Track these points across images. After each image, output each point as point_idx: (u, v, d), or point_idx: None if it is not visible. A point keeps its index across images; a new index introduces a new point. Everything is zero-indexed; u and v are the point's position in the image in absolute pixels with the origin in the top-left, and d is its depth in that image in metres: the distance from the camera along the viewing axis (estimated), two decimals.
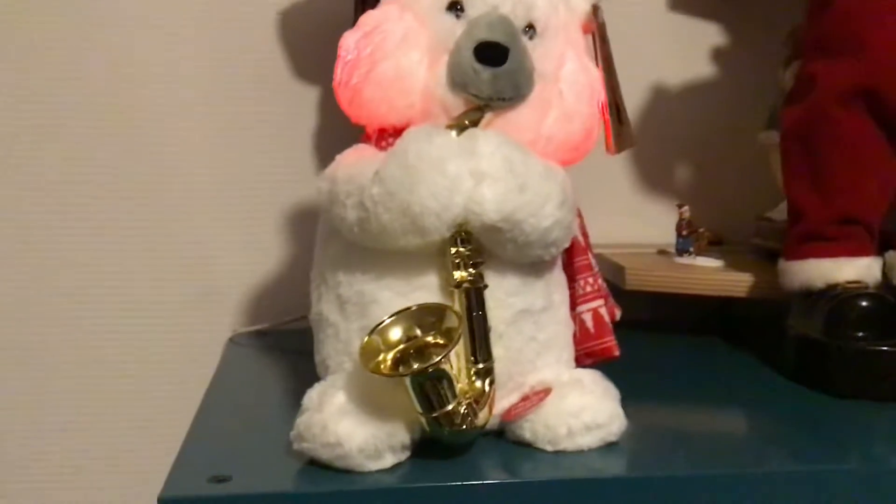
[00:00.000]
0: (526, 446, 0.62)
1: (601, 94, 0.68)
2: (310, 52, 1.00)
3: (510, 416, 0.62)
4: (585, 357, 0.71)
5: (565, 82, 0.64)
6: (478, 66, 0.60)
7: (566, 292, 0.69)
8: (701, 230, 0.95)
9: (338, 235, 0.63)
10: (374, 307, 0.61)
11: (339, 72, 0.64)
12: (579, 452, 0.61)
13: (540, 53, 0.63)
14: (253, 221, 1.00)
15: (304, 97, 1.00)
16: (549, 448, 0.61)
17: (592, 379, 0.64)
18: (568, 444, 0.60)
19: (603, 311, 0.72)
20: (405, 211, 0.57)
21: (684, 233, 0.94)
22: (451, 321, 0.57)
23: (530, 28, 0.64)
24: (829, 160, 0.77)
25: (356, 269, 0.62)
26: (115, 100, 0.98)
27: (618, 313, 0.77)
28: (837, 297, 0.75)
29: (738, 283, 0.88)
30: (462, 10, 0.62)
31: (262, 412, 0.72)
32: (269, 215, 1.00)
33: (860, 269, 0.77)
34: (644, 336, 0.96)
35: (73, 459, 1.00)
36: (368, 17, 0.64)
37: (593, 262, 0.74)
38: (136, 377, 1.00)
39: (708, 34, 1.06)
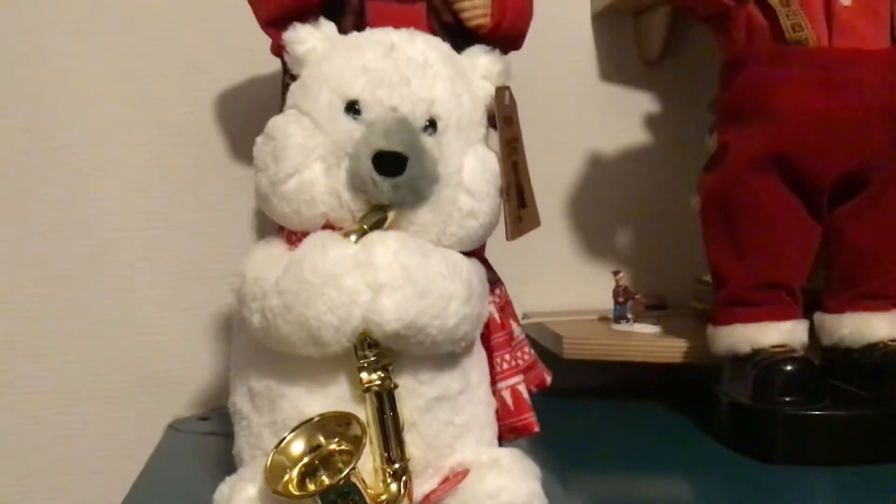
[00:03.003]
0: None
1: (501, 183, 0.66)
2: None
3: (429, 500, 0.61)
4: (508, 432, 0.71)
5: (466, 179, 0.63)
6: (376, 176, 0.59)
7: (486, 369, 0.68)
8: (638, 296, 0.95)
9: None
10: (282, 401, 0.60)
11: (257, 182, 0.63)
12: None
13: (441, 151, 0.62)
14: (193, 306, 1.00)
15: (245, 182, 1.01)
16: None
17: (511, 458, 0.63)
18: None
19: (521, 387, 0.71)
20: (303, 325, 0.57)
21: (621, 299, 0.95)
22: (356, 429, 0.57)
23: (431, 125, 0.62)
24: (746, 226, 0.78)
25: (265, 362, 0.61)
26: (54, 188, 0.98)
27: (548, 378, 0.76)
28: (763, 363, 0.76)
29: (674, 349, 0.88)
30: (359, 112, 0.61)
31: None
32: (209, 299, 1.00)
33: (785, 333, 0.78)
34: (588, 403, 0.97)
35: None
36: (274, 125, 0.63)
37: (517, 331, 0.74)
38: (74, 466, 0.99)
39: (639, 101, 1.08)
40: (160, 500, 0.73)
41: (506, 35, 0.77)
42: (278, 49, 0.75)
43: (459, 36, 0.75)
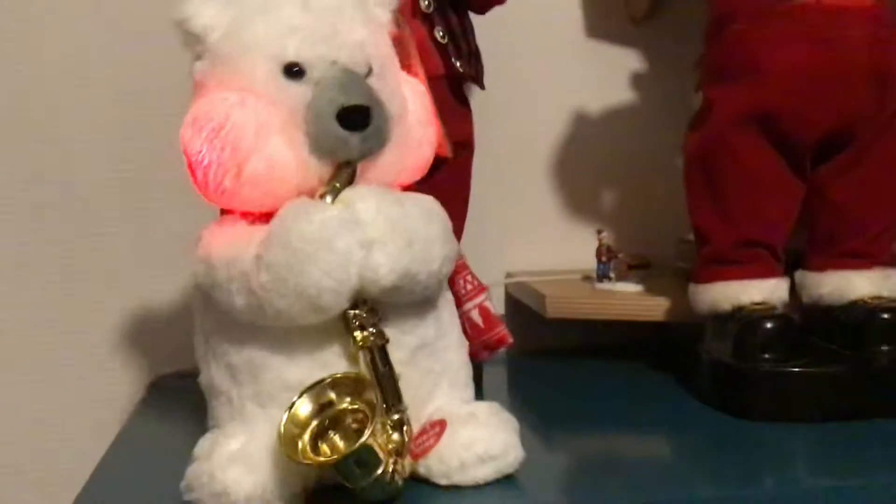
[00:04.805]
0: (422, 482, 0.61)
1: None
2: None
3: (415, 455, 0.61)
4: (483, 349, 0.71)
5: (410, 109, 0.63)
6: (345, 133, 0.58)
7: (454, 308, 0.68)
8: (620, 255, 0.95)
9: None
10: (265, 372, 0.59)
11: (200, 177, 0.59)
12: (475, 486, 0.60)
13: (386, 94, 0.61)
14: (174, 262, 0.99)
15: None
16: (443, 482, 0.60)
17: (488, 411, 0.63)
18: (462, 478, 0.60)
19: (488, 303, 0.72)
20: (301, 294, 0.55)
21: (604, 258, 0.94)
22: (370, 394, 0.57)
23: (370, 71, 0.61)
24: (728, 184, 0.78)
25: (241, 336, 0.60)
26: (42, 173, 0.98)
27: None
28: (744, 320, 0.76)
29: (656, 307, 0.88)
30: (301, 72, 0.59)
31: (165, 461, 0.70)
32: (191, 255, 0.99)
33: (766, 291, 0.77)
34: (570, 362, 0.97)
35: None
36: (208, 112, 0.59)
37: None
38: (55, 424, 0.99)
39: (625, 59, 1.07)
40: (140, 457, 0.73)
41: None
42: None
43: None
